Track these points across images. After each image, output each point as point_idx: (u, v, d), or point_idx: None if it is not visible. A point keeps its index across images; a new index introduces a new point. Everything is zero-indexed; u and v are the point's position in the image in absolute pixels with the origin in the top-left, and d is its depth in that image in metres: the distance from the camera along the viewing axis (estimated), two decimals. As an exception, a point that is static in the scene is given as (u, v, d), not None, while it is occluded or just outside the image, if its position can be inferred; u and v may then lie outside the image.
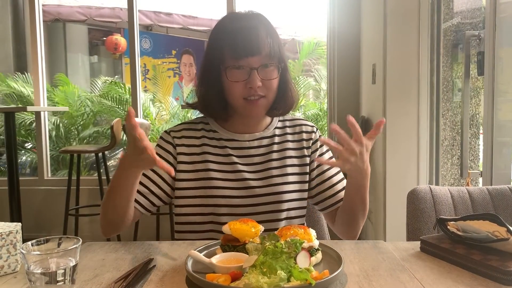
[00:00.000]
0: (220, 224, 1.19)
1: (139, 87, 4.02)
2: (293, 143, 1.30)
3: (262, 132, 1.29)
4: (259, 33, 1.16)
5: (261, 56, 1.16)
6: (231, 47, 1.16)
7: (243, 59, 1.15)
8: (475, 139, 2.56)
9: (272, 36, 1.19)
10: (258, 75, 1.16)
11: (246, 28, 1.17)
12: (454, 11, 2.75)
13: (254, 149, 1.27)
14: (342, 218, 1.24)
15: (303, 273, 0.74)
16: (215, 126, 1.28)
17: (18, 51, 6.01)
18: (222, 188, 1.20)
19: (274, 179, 1.23)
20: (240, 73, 1.16)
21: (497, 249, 0.88)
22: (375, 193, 3.22)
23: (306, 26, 7.24)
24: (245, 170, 1.23)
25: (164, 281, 0.84)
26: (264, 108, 1.22)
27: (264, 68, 1.17)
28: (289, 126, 1.33)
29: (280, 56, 1.20)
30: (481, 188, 1.43)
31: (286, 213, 1.23)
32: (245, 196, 1.21)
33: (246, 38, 1.15)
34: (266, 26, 1.20)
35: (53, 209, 3.90)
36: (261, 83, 1.16)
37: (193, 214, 1.22)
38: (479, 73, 2.14)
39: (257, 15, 1.23)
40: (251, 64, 1.15)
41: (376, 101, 3.09)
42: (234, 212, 1.19)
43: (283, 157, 1.27)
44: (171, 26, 6.63)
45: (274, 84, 1.20)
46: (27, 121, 5.07)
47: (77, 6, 6.32)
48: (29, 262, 0.73)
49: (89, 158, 5.31)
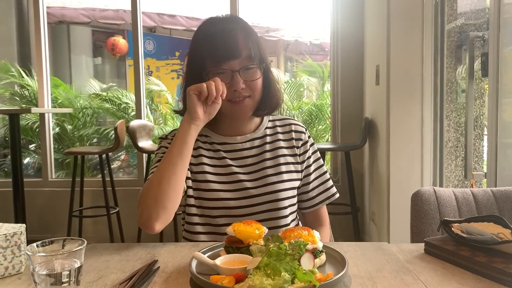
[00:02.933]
0: (217, 226, 1.22)
1: (143, 89, 4.03)
2: (284, 142, 1.32)
3: (253, 133, 1.31)
4: (238, 36, 1.18)
5: (242, 59, 1.17)
6: (210, 53, 1.18)
7: (224, 63, 1.16)
8: (479, 141, 2.55)
9: (251, 37, 1.20)
10: (240, 77, 1.17)
11: (224, 32, 1.18)
12: (458, 12, 2.74)
13: (247, 150, 1.28)
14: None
15: (307, 275, 0.74)
16: (206, 131, 1.30)
17: (23, 53, 6.02)
18: (218, 191, 1.22)
19: (269, 178, 1.24)
20: (223, 77, 1.17)
21: (502, 251, 0.88)
22: (378, 195, 3.21)
23: (310, 28, 7.24)
24: (239, 172, 1.25)
25: (168, 282, 0.84)
26: (250, 108, 1.23)
27: (246, 70, 1.18)
28: (280, 125, 1.35)
29: (261, 57, 1.22)
30: (486, 190, 1.42)
31: (283, 210, 1.24)
32: (241, 198, 1.22)
33: (225, 42, 1.16)
34: (244, 29, 1.21)
35: (57, 210, 3.91)
36: (244, 85, 1.18)
37: (192, 215, 1.24)
38: (483, 74, 2.14)
39: (234, 18, 1.25)
40: (232, 67, 1.17)
41: (380, 102, 3.09)
42: (230, 214, 1.21)
43: (276, 156, 1.29)
44: (175, 27, 6.64)
45: (258, 84, 1.21)
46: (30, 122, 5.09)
47: (81, 8, 6.34)
48: (34, 263, 0.74)
49: (92, 160, 5.32)
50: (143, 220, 1.08)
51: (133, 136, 3.23)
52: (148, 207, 1.08)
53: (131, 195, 3.62)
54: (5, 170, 5.20)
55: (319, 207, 1.33)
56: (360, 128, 3.51)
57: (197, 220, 1.24)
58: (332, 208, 3.28)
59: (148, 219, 1.07)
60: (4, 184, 4.01)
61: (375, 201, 3.35)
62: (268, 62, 1.26)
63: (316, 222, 1.35)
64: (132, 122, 3.31)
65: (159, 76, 6.91)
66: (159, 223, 1.07)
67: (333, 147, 3.43)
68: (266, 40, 6.95)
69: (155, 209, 1.07)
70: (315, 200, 1.32)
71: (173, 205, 1.10)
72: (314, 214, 1.34)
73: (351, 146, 3.33)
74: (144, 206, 1.09)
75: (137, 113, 4.08)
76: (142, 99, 4.03)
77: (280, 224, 1.23)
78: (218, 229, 1.22)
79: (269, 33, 6.95)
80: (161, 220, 1.08)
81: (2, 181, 4.30)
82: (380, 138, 3.15)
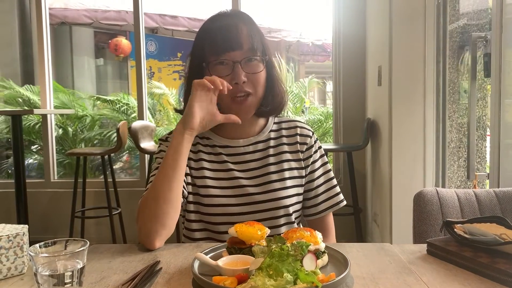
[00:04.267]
0: (218, 233, 1.18)
1: (145, 90, 4.04)
2: (288, 146, 1.26)
3: (257, 136, 1.26)
4: (240, 29, 1.14)
5: (243, 51, 1.14)
6: (211, 44, 1.15)
7: (224, 54, 1.13)
8: (482, 141, 2.55)
9: (254, 32, 1.17)
10: (242, 69, 1.13)
11: (227, 26, 1.15)
12: (460, 12, 2.74)
13: (250, 154, 1.23)
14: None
15: (310, 275, 0.74)
16: (208, 133, 1.25)
17: (25, 54, 6.05)
18: (218, 196, 1.17)
19: (273, 184, 1.20)
20: (223, 68, 1.14)
21: (505, 252, 0.88)
22: (381, 196, 3.21)
23: (312, 28, 7.25)
24: (242, 176, 1.20)
25: (170, 283, 0.84)
26: (253, 107, 1.18)
27: (247, 61, 1.14)
28: (285, 128, 1.30)
29: (264, 50, 1.18)
30: (488, 191, 1.42)
31: (285, 218, 1.20)
32: (243, 204, 1.17)
33: (226, 34, 1.13)
34: (248, 23, 1.18)
35: (60, 211, 3.92)
36: (246, 78, 1.14)
37: (191, 221, 1.21)
38: (486, 74, 2.13)
39: (238, 13, 1.21)
40: (234, 58, 1.13)
41: (382, 103, 3.08)
42: (231, 220, 1.14)
43: (280, 160, 1.24)
44: (177, 28, 6.65)
45: (261, 79, 1.17)
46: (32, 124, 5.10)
47: (83, 9, 6.36)
48: (37, 264, 0.74)
49: (94, 161, 5.33)
50: (142, 237, 1.05)
51: (135, 137, 3.23)
52: (145, 224, 1.05)
53: (133, 196, 3.62)
54: (8, 171, 5.21)
55: (324, 215, 1.27)
56: (362, 129, 3.51)
57: (196, 227, 1.20)
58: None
59: (147, 237, 1.04)
60: (6, 185, 4.02)
61: (378, 202, 3.34)
62: (272, 58, 1.21)
63: (319, 231, 1.30)
64: (134, 123, 3.31)
65: (160, 77, 6.92)
66: (159, 240, 1.04)
67: (335, 148, 3.42)
68: (268, 41, 6.95)
69: (154, 227, 1.04)
70: (319, 207, 1.26)
71: (172, 221, 1.06)
72: (318, 222, 1.27)
73: (353, 147, 3.33)
74: (142, 223, 1.06)
75: (139, 114, 4.08)
76: (144, 100, 4.03)
77: (282, 232, 1.17)
78: (219, 236, 1.18)
79: (271, 33, 6.95)
80: (161, 237, 1.05)
81: (4, 182, 4.32)
82: (382, 139, 3.14)
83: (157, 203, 1.05)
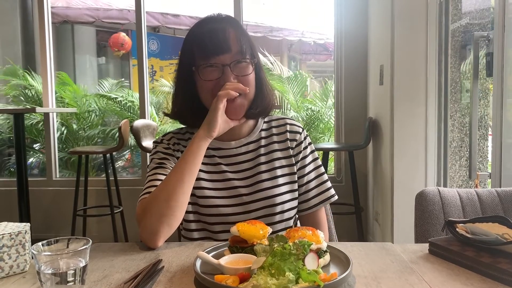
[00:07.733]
0: (214, 233, 1.20)
1: (146, 88, 4.04)
2: (279, 144, 1.28)
3: (248, 136, 1.27)
4: (228, 33, 1.15)
5: (232, 54, 1.14)
6: (200, 48, 1.15)
7: (213, 57, 1.14)
8: (484, 141, 2.55)
9: (242, 35, 1.18)
10: (231, 72, 1.14)
11: (215, 29, 1.16)
12: (463, 11, 2.74)
13: (242, 155, 1.25)
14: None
15: (312, 274, 0.74)
16: None
17: (27, 52, 6.05)
18: (213, 197, 1.19)
19: (264, 183, 1.21)
20: (213, 71, 1.14)
21: (507, 251, 0.88)
22: (382, 195, 3.21)
23: (314, 27, 7.24)
24: (234, 178, 1.22)
25: (173, 281, 0.84)
26: (243, 108, 1.19)
27: (237, 64, 1.15)
28: (275, 126, 1.31)
29: (252, 53, 1.19)
30: (490, 190, 1.42)
31: (279, 216, 1.21)
32: (235, 205, 1.19)
33: (215, 38, 1.14)
34: (235, 27, 1.19)
35: (61, 209, 3.93)
36: (236, 80, 1.14)
37: (189, 221, 1.22)
38: (488, 74, 2.13)
39: (226, 17, 1.22)
40: (223, 61, 1.14)
41: (384, 102, 3.08)
42: (226, 221, 1.17)
43: (271, 159, 1.25)
44: (179, 27, 6.65)
45: (250, 81, 1.18)
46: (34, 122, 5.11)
47: (85, 7, 6.37)
48: (40, 262, 0.74)
49: (96, 159, 5.34)
50: (145, 236, 1.05)
51: (137, 136, 3.24)
52: (152, 224, 1.05)
53: (135, 195, 3.59)
54: (11, 170, 5.22)
55: (316, 210, 1.27)
56: (363, 128, 3.51)
57: (194, 227, 1.22)
58: (336, 208, 3.28)
59: (152, 236, 1.04)
60: (8, 184, 4.03)
61: (379, 201, 3.34)
62: (260, 60, 1.23)
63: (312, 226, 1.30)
64: (136, 121, 3.31)
65: (162, 76, 6.92)
66: (162, 239, 1.06)
67: (337, 147, 3.42)
68: (269, 40, 6.95)
69: (160, 227, 1.05)
70: (311, 202, 1.26)
71: (177, 222, 1.09)
72: (310, 217, 1.27)
73: (354, 146, 3.33)
74: (147, 222, 1.06)
75: (141, 112, 4.09)
76: (146, 99, 4.04)
77: (277, 229, 1.20)
78: (216, 236, 1.20)
79: (272, 32, 6.95)
80: (164, 237, 1.06)
81: (7, 180, 4.33)
82: (384, 138, 3.14)
83: (168, 204, 1.06)
